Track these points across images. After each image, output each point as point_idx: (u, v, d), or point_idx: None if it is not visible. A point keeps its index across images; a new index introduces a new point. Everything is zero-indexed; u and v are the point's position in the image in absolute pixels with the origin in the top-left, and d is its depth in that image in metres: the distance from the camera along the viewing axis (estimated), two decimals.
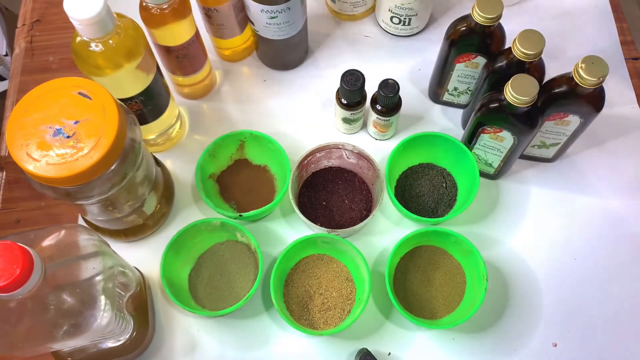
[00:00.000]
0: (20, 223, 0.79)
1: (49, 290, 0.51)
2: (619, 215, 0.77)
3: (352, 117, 0.78)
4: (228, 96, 0.87)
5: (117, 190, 0.61)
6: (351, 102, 0.76)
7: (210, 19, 0.79)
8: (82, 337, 0.54)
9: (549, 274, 0.74)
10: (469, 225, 0.77)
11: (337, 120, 0.81)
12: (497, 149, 0.72)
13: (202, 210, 0.78)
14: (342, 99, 0.76)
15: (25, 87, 0.88)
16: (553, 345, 0.71)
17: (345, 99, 0.76)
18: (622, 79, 0.86)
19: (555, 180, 0.80)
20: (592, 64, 0.63)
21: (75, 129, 0.57)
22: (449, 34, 0.73)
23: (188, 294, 0.72)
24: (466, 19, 0.71)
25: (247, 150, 0.79)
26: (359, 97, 0.76)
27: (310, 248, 0.72)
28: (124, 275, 0.64)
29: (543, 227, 0.77)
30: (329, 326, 0.69)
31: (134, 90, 0.69)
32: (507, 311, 0.72)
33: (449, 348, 0.71)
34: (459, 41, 0.72)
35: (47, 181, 0.56)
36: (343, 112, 0.78)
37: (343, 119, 0.79)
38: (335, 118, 0.81)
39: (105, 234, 0.75)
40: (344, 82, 0.74)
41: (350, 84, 0.74)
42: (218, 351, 0.71)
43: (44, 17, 0.94)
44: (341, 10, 0.90)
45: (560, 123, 0.71)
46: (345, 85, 0.74)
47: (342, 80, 0.74)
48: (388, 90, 0.74)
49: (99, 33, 0.61)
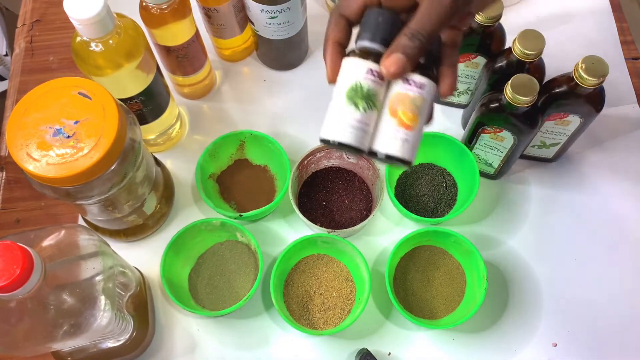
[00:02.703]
0: (20, 223, 0.79)
1: (49, 290, 0.51)
2: (620, 215, 0.77)
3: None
4: (228, 96, 0.86)
5: (117, 190, 0.61)
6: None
7: (210, 18, 0.79)
8: (82, 337, 0.54)
9: (549, 274, 0.74)
10: (469, 225, 0.77)
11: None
12: (497, 149, 0.72)
13: (202, 210, 0.78)
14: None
15: (25, 87, 0.88)
16: (553, 346, 0.71)
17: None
18: (622, 79, 0.86)
19: (555, 180, 0.79)
20: (592, 64, 0.63)
21: (75, 128, 0.57)
22: None
23: (188, 294, 0.72)
24: None
25: (247, 150, 0.79)
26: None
27: (310, 248, 0.72)
28: (124, 275, 0.64)
29: (543, 227, 0.77)
30: (329, 326, 0.69)
31: (134, 90, 0.69)
32: (507, 311, 0.72)
33: (449, 348, 0.71)
34: None
35: (47, 181, 0.56)
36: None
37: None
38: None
39: (105, 233, 0.75)
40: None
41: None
42: (218, 351, 0.71)
43: (44, 17, 0.94)
44: None
45: (560, 123, 0.71)
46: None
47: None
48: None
49: (99, 33, 0.61)
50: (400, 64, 0.44)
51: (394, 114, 0.46)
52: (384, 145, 0.46)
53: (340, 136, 0.45)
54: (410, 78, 0.46)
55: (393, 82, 0.47)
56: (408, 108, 0.46)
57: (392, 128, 0.46)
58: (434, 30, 0.44)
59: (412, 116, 0.46)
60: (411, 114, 0.46)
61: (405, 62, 0.44)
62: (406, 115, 0.46)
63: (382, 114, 0.47)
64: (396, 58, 0.44)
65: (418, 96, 0.46)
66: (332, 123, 0.46)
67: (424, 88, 0.46)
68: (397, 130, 0.46)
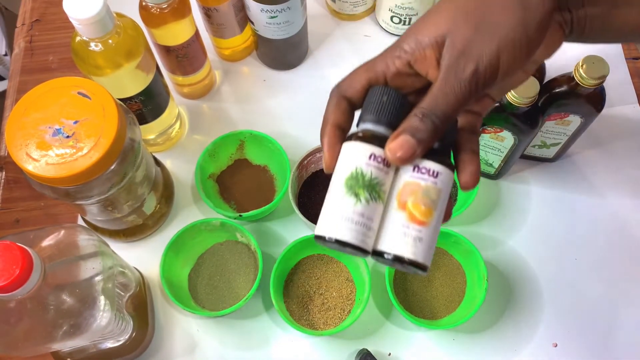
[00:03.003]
0: (19, 223, 0.79)
1: (48, 290, 0.51)
2: (620, 215, 0.77)
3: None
4: (228, 96, 0.86)
5: (117, 190, 0.61)
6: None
7: (210, 18, 0.79)
8: (82, 337, 0.54)
9: (550, 274, 0.74)
10: (469, 225, 0.77)
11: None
12: (498, 149, 0.72)
13: (202, 210, 0.78)
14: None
15: (24, 87, 0.88)
16: (553, 346, 0.71)
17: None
18: (623, 79, 0.86)
19: (556, 180, 0.79)
20: (592, 63, 0.63)
21: (75, 128, 0.56)
22: None
23: (188, 294, 0.72)
24: None
25: (247, 150, 0.78)
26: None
27: (310, 248, 0.72)
28: (124, 276, 0.64)
29: (544, 227, 0.77)
30: (329, 326, 0.69)
31: (134, 90, 0.68)
32: (507, 311, 0.72)
33: (450, 348, 0.70)
34: None
35: (47, 181, 0.56)
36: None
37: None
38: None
39: (105, 234, 0.75)
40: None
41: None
42: (218, 351, 0.71)
43: (44, 16, 0.94)
44: (341, 9, 0.90)
45: (560, 123, 0.71)
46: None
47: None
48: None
49: (99, 33, 0.61)
50: (409, 148, 0.37)
51: (403, 207, 0.39)
52: (392, 244, 0.38)
53: (337, 232, 0.38)
54: (422, 165, 0.39)
55: (402, 170, 0.39)
56: (420, 200, 0.39)
57: (402, 224, 0.38)
58: (450, 110, 0.38)
59: (426, 210, 0.39)
60: (424, 208, 0.39)
61: (415, 146, 0.37)
62: (418, 209, 0.38)
63: (388, 207, 0.39)
64: (404, 141, 0.37)
65: (432, 186, 0.39)
66: (329, 217, 0.39)
67: (438, 177, 0.39)
68: (408, 227, 0.38)
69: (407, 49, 0.40)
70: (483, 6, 0.38)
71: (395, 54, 0.40)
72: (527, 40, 0.38)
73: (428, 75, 0.40)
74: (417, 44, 0.39)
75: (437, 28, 0.39)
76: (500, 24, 0.37)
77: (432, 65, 0.39)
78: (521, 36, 0.37)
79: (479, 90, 0.38)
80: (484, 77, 0.37)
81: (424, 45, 0.39)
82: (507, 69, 0.38)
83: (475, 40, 0.37)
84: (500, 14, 0.37)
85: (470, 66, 0.37)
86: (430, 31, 0.39)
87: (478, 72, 0.37)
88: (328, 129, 0.42)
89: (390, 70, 0.40)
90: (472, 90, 0.38)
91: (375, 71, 0.41)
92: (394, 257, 0.38)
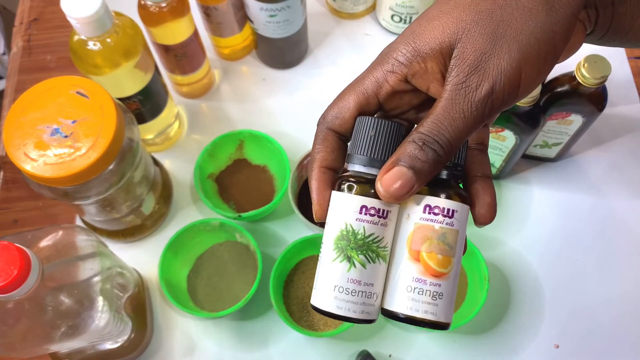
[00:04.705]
0: (17, 223, 0.78)
1: (46, 291, 0.51)
2: (622, 215, 0.77)
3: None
4: (227, 95, 0.86)
5: (115, 190, 0.61)
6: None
7: (209, 17, 0.79)
8: (80, 338, 0.54)
9: (551, 274, 0.74)
10: (470, 226, 0.76)
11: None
12: (499, 149, 0.72)
13: (201, 211, 0.78)
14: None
15: (22, 86, 0.87)
16: (555, 347, 0.70)
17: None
18: (625, 78, 0.85)
19: (557, 180, 0.79)
20: (594, 63, 0.63)
21: (73, 128, 0.56)
22: None
23: (187, 295, 0.71)
24: None
25: (246, 150, 0.78)
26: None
27: (310, 248, 0.72)
28: (122, 276, 0.64)
29: (545, 227, 0.76)
30: (329, 328, 0.69)
31: (132, 89, 0.68)
32: (508, 312, 0.72)
33: (450, 349, 0.70)
34: None
35: (45, 181, 0.56)
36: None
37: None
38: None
39: (103, 234, 0.75)
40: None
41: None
42: (217, 353, 0.70)
43: (42, 15, 0.94)
44: (341, 8, 0.89)
45: (562, 122, 0.70)
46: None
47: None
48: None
49: (97, 32, 0.60)
50: (404, 183, 0.31)
51: (416, 258, 0.33)
52: (406, 304, 0.33)
53: (330, 305, 0.33)
54: (435, 204, 0.33)
55: (408, 208, 0.33)
56: (436, 248, 0.33)
57: (416, 278, 0.33)
58: (457, 139, 0.31)
59: (443, 259, 0.33)
60: (441, 257, 0.33)
61: (413, 181, 0.31)
62: (434, 259, 0.33)
63: (397, 257, 0.34)
64: (400, 173, 0.31)
65: (448, 229, 0.33)
66: (321, 286, 0.34)
67: (454, 216, 0.34)
68: (424, 282, 0.33)
69: (402, 60, 0.33)
70: (499, 7, 0.31)
71: (387, 68, 0.33)
72: (553, 50, 0.31)
73: (429, 91, 0.34)
74: (416, 54, 0.32)
75: (441, 33, 0.32)
76: (522, 31, 0.31)
77: (434, 79, 0.33)
78: (547, 46, 0.31)
79: (493, 114, 0.31)
80: (501, 98, 0.31)
81: (424, 56, 0.32)
82: (528, 85, 0.31)
83: (492, 52, 0.30)
84: (521, 17, 0.31)
85: (486, 85, 0.30)
86: (433, 37, 0.32)
87: (494, 93, 0.31)
88: (315, 172, 0.35)
89: (384, 91, 0.34)
90: (485, 114, 0.31)
91: (365, 94, 0.34)
92: (410, 319, 0.33)
